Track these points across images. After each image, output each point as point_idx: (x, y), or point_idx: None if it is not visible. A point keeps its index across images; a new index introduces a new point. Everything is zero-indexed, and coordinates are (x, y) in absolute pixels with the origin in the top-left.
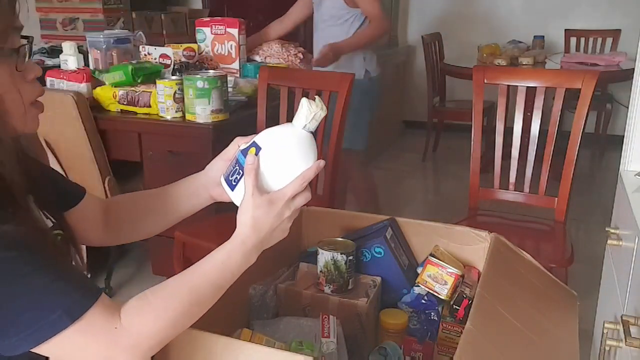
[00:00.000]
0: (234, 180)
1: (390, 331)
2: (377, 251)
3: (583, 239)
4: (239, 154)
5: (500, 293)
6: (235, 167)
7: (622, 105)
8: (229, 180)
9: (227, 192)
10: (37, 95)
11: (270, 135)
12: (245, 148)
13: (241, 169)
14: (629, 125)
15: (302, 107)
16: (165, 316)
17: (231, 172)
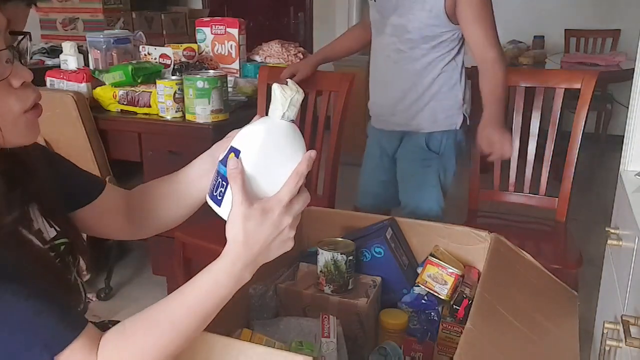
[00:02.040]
0: (219, 195)
1: (390, 331)
2: (377, 251)
3: (583, 239)
4: (218, 166)
5: (500, 293)
6: (218, 179)
7: (622, 105)
8: (214, 196)
9: (215, 209)
10: (29, 103)
11: (247, 135)
12: (223, 157)
13: (224, 179)
14: (629, 125)
15: (274, 95)
16: (142, 353)
17: (214, 186)
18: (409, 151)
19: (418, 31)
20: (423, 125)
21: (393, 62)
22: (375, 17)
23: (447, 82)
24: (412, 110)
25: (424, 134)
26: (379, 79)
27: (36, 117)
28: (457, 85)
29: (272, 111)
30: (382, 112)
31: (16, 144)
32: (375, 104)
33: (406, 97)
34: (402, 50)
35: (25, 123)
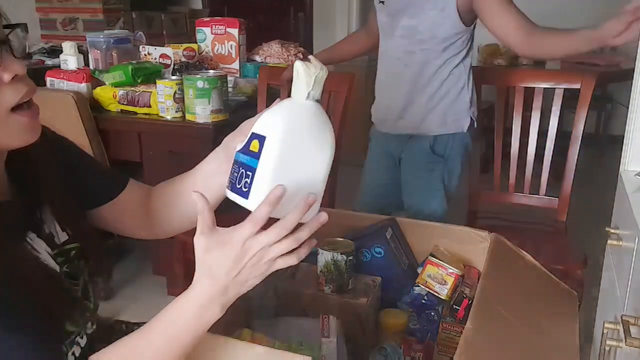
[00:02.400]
0: (245, 186)
1: (390, 331)
2: (377, 251)
3: (583, 239)
4: (237, 156)
5: (500, 293)
6: (240, 170)
7: (622, 105)
8: (238, 189)
9: (240, 202)
10: (16, 97)
11: (271, 119)
12: (244, 146)
13: (249, 169)
14: (629, 125)
15: (298, 74)
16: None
17: (236, 178)
18: (414, 154)
19: (429, 32)
20: (430, 128)
21: (403, 64)
22: (383, 20)
23: (455, 85)
24: (420, 113)
25: (430, 137)
26: (387, 82)
27: (31, 117)
28: (465, 88)
29: (296, 92)
30: (389, 115)
31: (9, 145)
32: (382, 107)
33: (415, 100)
34: (413, 52)
35: (18, 123)
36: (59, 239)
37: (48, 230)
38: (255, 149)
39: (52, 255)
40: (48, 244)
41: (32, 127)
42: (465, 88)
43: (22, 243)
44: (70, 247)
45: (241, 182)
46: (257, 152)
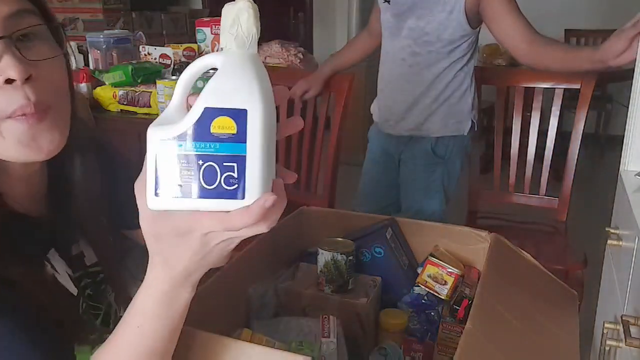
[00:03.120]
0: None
1: (390, 331)
2: (377, 251)
3: (583, 239)
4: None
5: (500, 293)
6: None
7: (622, 105)
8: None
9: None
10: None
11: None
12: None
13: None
14: (629, 125)
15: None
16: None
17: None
18: (414, 155)
19: (436, 33)
20: (432, 130)
21: (408, 65)
22: (388, 20)
23: (459, 88)
24: (423, 114)
25: (431, 139)
26: (390, 82)
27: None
28: (468, 91)
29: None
30: (391, 116)
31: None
32: (384, 107)
33: (419, 101)
34: (418, 53)
35: (14, 131)
36: (88, 259)
37: (78, 250)
38: (227, 129)
39: (72, 277)
40: (71, 265)
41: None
42: (468, 91)
43: (41, 260)
44: (97, 270)
45: (216, 179)
46: (234, 133)
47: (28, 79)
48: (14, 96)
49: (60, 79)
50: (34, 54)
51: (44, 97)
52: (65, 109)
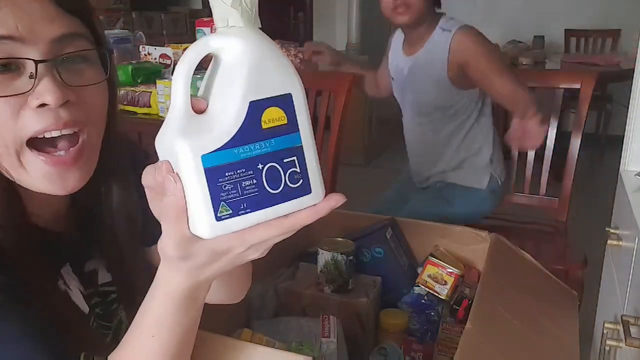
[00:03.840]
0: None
1: (390, 331)
2: (377, 251)
3: (583, 239)
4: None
5: (500, 293)
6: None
7: (622, 105)
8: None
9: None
10: (34, 127)
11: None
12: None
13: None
14: (629, 125)
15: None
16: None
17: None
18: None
19: (432, 104)
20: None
21: (421, 132)
22: (397, 93)
23: (472, 146)
24: (444, 172)
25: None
26: (411, 139)
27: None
28: (484, 148)
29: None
30: (420, 172)
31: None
32: (413, 164)
33: (437, 163)
34: (423, 123)
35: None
36: (101, 278)
37: (92, 267)
38: (279, 121)
39: (83, 294)
40: (83, 282)
41: (58, 177)
42: (484, 148)
43: (54, 275)
44: (108, 290)
45: (281, 180)
46: (285, 123)
47: (65, 103)
48: (45, 117)
49: (99, 104)
50: (77, 79)
51: (78, 119)
52: (96, 134)
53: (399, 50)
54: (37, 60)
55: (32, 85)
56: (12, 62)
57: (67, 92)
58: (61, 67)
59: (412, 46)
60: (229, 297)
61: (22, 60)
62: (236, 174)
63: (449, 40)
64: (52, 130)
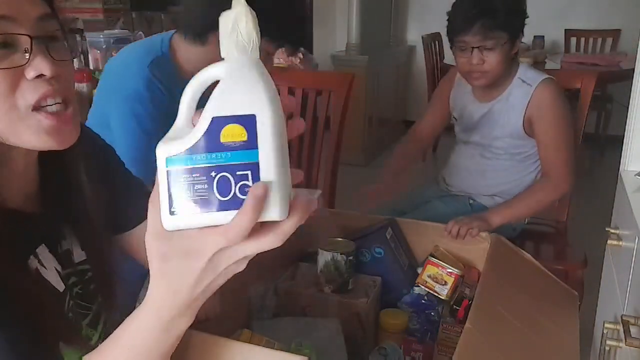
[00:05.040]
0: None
1: (390, 331)
2: (377, 251)
3: (583, 239)
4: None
5: (500, 293)
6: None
7: (622, 105)
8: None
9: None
10: (34, 96)
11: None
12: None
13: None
14: (629, 125)
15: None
16: None
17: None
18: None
19: (502, 148)
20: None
21: (479, 163)
22: (458, 132)
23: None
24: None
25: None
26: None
27: (56, 121)
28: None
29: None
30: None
31: (31, 144)
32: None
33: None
34: (486, 158)
35: (38, 123)
36: (75, 257)
37: (66, 247)
38: (237, 137)
39: (60, 273)
40: (60, 261)
41: (56, 131)
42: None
43: (27, 256)
44: (84, 268)
45: (231, 189)
46: (245, 140)
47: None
48: (41, 86)
49: (72, 80)
50: (56, 55)
51: (66, 94)
52: (77, 107)
53: (467, 93)
54: (32, 36)
55: (27, 59)
56: (8, 38)
57: (56, 65)
58: (49, 44)
59: (488, 93)
60: None
61: (17, 37)
62: (191, 178)
63: (529, 93)
64: (48, 98)
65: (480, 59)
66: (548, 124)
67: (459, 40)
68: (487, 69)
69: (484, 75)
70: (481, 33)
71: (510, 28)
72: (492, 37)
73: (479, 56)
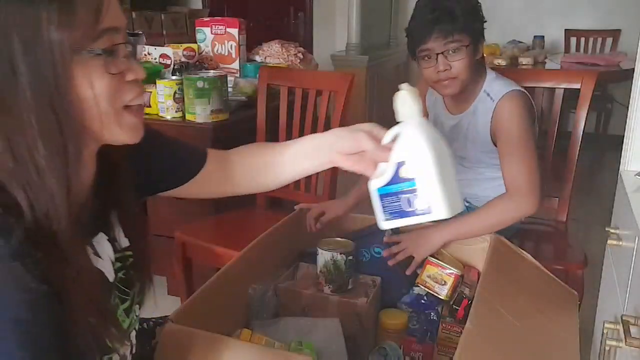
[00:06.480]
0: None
1: (390, 331)
2: (376, 251)
3: (583, 239)
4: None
5: (500, 293)
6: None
7: (622, 105)
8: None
9: (423, 219)
10: (132, 96)
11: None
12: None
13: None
14: (629, 125)
15: (405, 99)
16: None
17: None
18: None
19: (474, 158)
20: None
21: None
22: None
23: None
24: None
25: None
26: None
27: (139, 118)
28: None
29: (410, 114)
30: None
31: (117, 139)
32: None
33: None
34: (467, 167)
35: (129, 120)
36: (119, 244)
37: (113, 235)
38: (406, 174)
39: (114, 264)
40: (114, 249)
41: (139, 127)
42: None
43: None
44: (127, 255)
45: (411, 205)
46: (409, 176)
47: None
48: (136, 88)
49: None
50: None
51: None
52: None
53: (439, 104)
54: (133, 44)
55: (126, 64)
56: (114, 47)
57: (143, 69)
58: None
59: (456, 105)
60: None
61: (120, 45)
62: (389, 198)
63: (492, 109)
64: (138, 98)
65: (447, 64)
66: (506, 140)
67: (422, 49)
68: (454, 74)
69: (453, 82)
70: (442, 37)
71: (470, 31)
72: (453, 40)
73: (444, 62)
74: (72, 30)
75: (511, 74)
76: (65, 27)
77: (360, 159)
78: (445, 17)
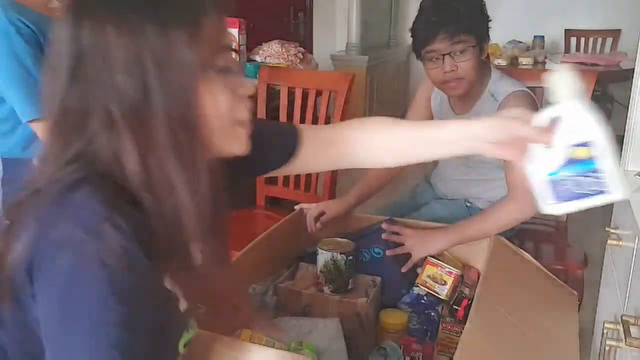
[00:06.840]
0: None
1: (390, 331)
2: (376, 251)
3: (583, 239)
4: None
5: (500, 293)
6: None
7: (622, 105)
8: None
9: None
10: (245, 113)
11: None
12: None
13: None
14: (629, 125)
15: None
16: None
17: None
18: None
19: (483, 160)
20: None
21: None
22: None
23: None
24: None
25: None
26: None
27: (247, 132)
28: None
29: (568, 96)
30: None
31: (227, 151)
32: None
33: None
34: (471, 167)
35: (240, 134)
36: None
37: None
38: (583, 155)
39: None
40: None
41: (247, 140)
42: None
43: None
44: None
45: (586, 187)
46: (586, 158)
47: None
48: (247, 102)
49: None
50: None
51: None
52: None
53: (445, 104)
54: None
55: (239, 79)
56: (230, 64)
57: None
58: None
59: (462, 105)
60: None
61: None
62: (561, 182)
63: (496, 108)
64: (248, 112)
65: (453, 65)
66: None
67: (428, 50)
68: (461, 75)
69: (460, 83)
70: (448, 38)
71: (476, 31)
72: (459, 41)
73: (451, 63)
74: (200, 49)
75: (511, 73)
76: (194, 46)
77: (508, 146)
78: (451, 18)
